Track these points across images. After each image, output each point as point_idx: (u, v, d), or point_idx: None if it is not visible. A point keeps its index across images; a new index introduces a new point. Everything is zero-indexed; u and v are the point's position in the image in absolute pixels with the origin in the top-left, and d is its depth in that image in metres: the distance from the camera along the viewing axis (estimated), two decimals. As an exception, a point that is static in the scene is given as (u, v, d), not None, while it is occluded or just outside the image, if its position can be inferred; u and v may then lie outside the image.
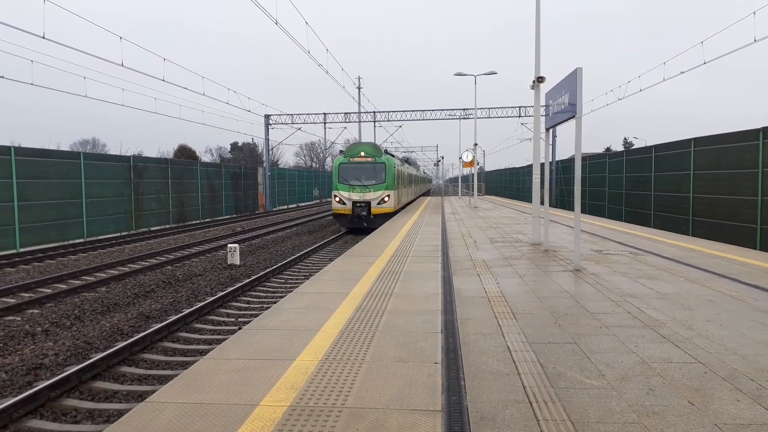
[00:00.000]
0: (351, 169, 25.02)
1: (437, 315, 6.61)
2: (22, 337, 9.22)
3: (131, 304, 11.74)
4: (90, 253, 19.57)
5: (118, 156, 29.02)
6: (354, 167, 25.07)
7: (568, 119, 10.79)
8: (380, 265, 10.42)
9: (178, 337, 9.37)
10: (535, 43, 13.03)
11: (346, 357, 5.09)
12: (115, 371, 7.71)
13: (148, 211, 27.99)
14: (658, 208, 21.02)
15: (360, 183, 24.72)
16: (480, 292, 8.05)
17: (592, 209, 28.29)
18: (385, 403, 4.04)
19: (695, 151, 18.15)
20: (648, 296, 7.64)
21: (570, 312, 6.79)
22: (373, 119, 48.19)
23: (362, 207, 24.37)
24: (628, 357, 5.09)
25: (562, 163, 37.75)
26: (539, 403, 4.06)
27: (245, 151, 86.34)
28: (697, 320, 6.35)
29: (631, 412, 3.91)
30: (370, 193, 24.55)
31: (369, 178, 24.84)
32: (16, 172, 19.33)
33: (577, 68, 9.78)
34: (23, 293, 12.73)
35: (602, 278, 9.02)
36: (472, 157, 36.03)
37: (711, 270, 9.67)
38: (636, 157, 24.04)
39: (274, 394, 4.24)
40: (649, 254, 11.79)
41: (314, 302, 7.36)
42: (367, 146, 25.89)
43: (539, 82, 12.99)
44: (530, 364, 4.90)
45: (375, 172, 24.92)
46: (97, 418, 6.31)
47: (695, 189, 18.10)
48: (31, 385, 7.08)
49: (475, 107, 36.57)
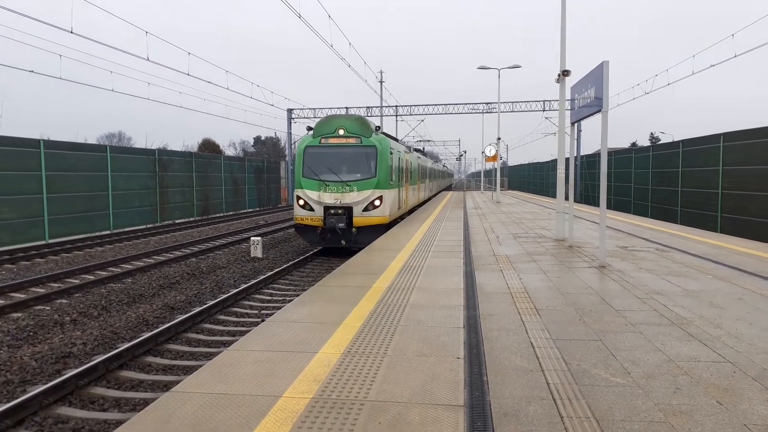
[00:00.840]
0: (323, 156, 16.37)
1: (459, 310, 6.58)
2: (52, 326, 9.43)
3: (156, 295, 11.92)
4: (116, 245, 19.90)
5: (144, 149, 29.44)
6: (327, 153, 16.42)
7: (594, 113, 10.64)
8: (402, 259, 10.41)
9: (203, 329, 9.48)
10: (561, 36, 12.86)
11: (368, 350, 5.10)
12: (141, 361, 7.83)
13: (173, 204, 28.35)
14: (685, 205, 20.64)
15: (336, 178, 16.08)
16: (503, 287, 8.00)
17: (617, 205, 27.89)
18: (407, 397, 4.04)
19: (724, 146, 17.76)
20: (675, 294, 7.51)
21: (595, 309, 6.71)
22: (395, 113, 48.10)
23: (339, 215, 15.85)
24: (655, 355, 5.01)
25: (586, 158, 37.27)
26: (563, 400, 4.02)
27: (268, 145, 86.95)
28: (725, 318, 6.22)
29: (658, 410, 3.85)
30: (351, 193, 15.94)
31: (350, 170, 16.36)
32: (45, 164, 19.72)
33: (603, 61, 9.63)
34: (52, 283, 13.00)
35: (628, 275, 8.89)
36: (495, 152, 35.79)
37: (740, 267, 9.47)
38: (663, 152, 23.62)
39: (297, 386, 4.26)
40: (675, 251, 11.58)
41: (336, 295, 7.39)
42: (348, 120, 16.80)
43: (564, 76, 12.83)
44: (554, 360, 4.86)
45: (360, 160, 16.38)
46: (124, 407, 6.43)
47: (724, 185, 17.72)
48: (60, 374, 7.23)
49: (499, 101, 36.27)
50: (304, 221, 16.21)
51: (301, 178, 16.32)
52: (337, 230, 15.76)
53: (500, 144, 37.00)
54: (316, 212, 16.00)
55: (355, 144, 16.37)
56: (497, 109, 37.55)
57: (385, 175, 16.52)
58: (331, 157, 16.39)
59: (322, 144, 16.48)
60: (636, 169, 26.33)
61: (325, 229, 15.92)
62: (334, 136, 16.47)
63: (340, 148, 16.44)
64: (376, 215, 16.09)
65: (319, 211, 15.96)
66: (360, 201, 15.93)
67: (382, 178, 16.29)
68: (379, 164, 16.29)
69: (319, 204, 15.98)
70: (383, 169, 16.40)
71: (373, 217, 16.06)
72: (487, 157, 37.23)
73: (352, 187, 16.01)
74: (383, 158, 16.46)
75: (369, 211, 16.01)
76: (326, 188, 16.05)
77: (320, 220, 15.92)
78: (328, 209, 15.91)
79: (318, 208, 15.99)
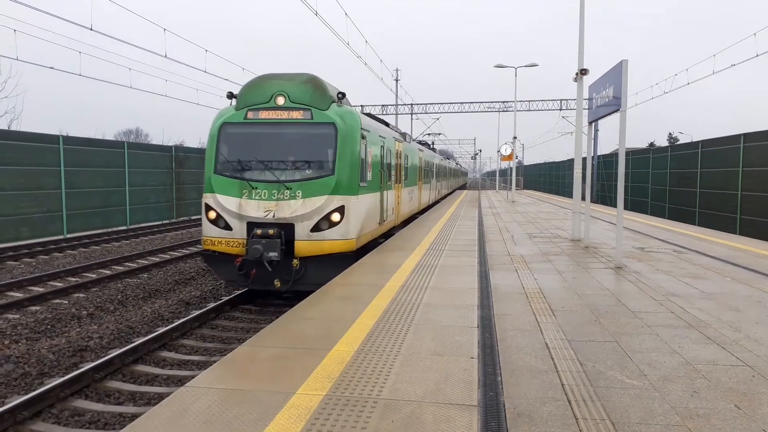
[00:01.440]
0: (248, 141, 10.47)
1: (474, 310, 6.55)
2: (69, 319, 9.55)
3: (172, 290, 12.02)
4: (132, 240, 20.12)
5: (160, 146, 29.69)
6: (255, 136, 10.44)
7: (612, 113, 10.54)
8: (415, 258, 10.39)
9: (217, 325, 9.54)
10: (579, 34, 12.75)
11: (382, 348, 5.09)
12: (156, 356, 7.91)
13: (189, 200, 28.56)
14: (704, 206, 20.38)
15: (269, 176, 10.06)
16: (518, 287, 7.95)
17: (634, 205, 27.62)
18: (420, 396, 4.03)
19: (745, 147, 17.50)
20: (692, 296, 7.42)
21: (611, 310, 6.64)
22: (411, 111, 48.05)
23: (270, 239, 9.63)
24: (671, 358, 4.95)
25: (603, 157, 36.94)
26: (578, 401, 3.99)
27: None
28: (744, 322, 6.13)
29: (674, 414, 3.80)
30: (292, 201, 9.88)
31: (293, 163, 10.29)
32: (64, 160, 19.98)
33: (622, 60, 9.54)
34: (70, 277, 13.17)
35: (644, 276, 8.80)
36: (510, 151, 35.60)
37: (760, 270, 9.32)
38: (681, 152, 23.35)
39: (311, 383, 4.27)
40: (693, 253, 11.44)
41: (350, 293, 7.39)
42: (292, 83, 10.50)
43: (582, 75, 12.71)
44: (569, 361, 4.81)
45: (308, 148, 10.42)
46: (139, 401, 6.50)
47: (744, 186, 17.47)
48: (77, 367, 7.32)
49: (515, 99, 36.08)
50: (215, 246, 9.87)
51: (212, 176, 10.06)
52: (264, 263, 9.35)
53: (516, 143, 36.80)
54: (235, 231, 9.71)
55: (303, 121, 10.11)
56: (513, 108, 37.34)
57: (352, 172, 10.14)
58: (261, 143, 10.17)
59: (249, 121, 10.20)
60: (654, 170, 26.05)
61: (246, 260, 9.51)
62: (269, 108, 10.20)
63: (278, 127, 10.14)
64: (333, 238, 9.74)
65: (239, 229, 9.69)
66: (306, 214, 9.60)
67: (345, 177, 9.96)
68: (341, 154, 9.99)
69: (239, 218, 9.69)
70: (348, 162, 10.07)
71: (328, 242, 9.70)
72: (502, 156, 37.03)
73: (293, 190, 9.72)
74: (348, 144, 10.13)
75: (322, 231, 9.69)
76: (251, 193, 9.77)
77: (240, 244, 9.64)
78: (254, 227, 9.59)
79: (238, 224, 9.70)
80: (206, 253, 10.15)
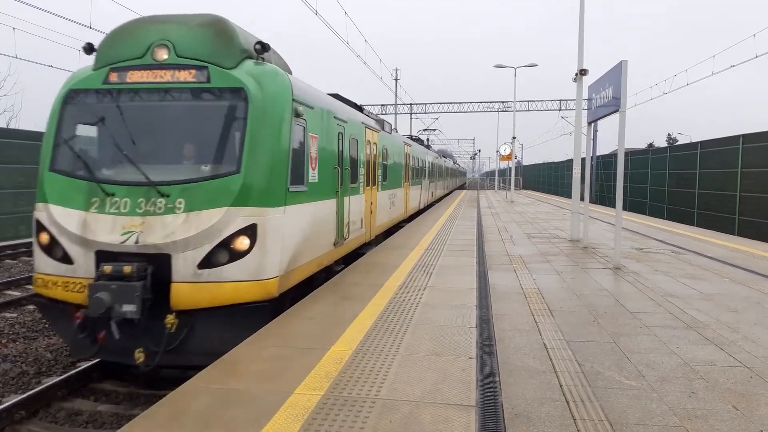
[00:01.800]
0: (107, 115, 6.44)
1: (472, 310, 6.55)
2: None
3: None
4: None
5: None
6: (120, 107, 6.40)
7: (612, 113, 10.54)
8: (414, 257, 10.39)
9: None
10: (579, 34, 12.76)
11: (380, 348, 5.09)
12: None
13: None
14: (702, 207, 20.40)
15: (136, 175, 6.05)
16: (516, 288, 7.95)
17: (633, 206, 27.63)
18: (418, 396, 4.02)
19: (743, 148, 17.52)
20: (691, 297, 7.42)
21: (609, 310, 6.64)
22: (410, 111, 48.06)
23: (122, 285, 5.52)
24: (670, 358, 4.95)
25: (602, 158, 36.96)
26: (576, 401, 3.98)
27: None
28: (743, 323, 6.13)
29: (672, 415, 3.80)
30: (165, 216, 5.83)
31: (175, 153, 6.44)
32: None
33: (622, 61, 9.56)
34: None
35: (643, 277, 8.80)
36: (509, 151, 35.61)
37: (759, 271, 9.33)
38: (680, 153, 23.37)
39: (309, 382, 4.27)
40: (692, 253, 11.45)
41: (348, 293, 7.39)
42: (180, 27, 6.47)
43: (582, 75, 12.72)
44: (567, 362, 4.81)
45: (199, 125, 6.35)
46: (136, 401, 6.47)
47: (743, 187, 17.49)
48: (75, 366, 7.31)
49: (515, 100, 36.10)
50: (48, 290, 6.27)
51: (45, 175, 6.67)
52: (113, 324, 5.67)
53: (515, 143, 36.82)
54: (77, 266, 6.02)
55: (195, 86, 6.38)
56: (513, 108, 37.36)
57: (273, 169, 6.33)
58: (125, 121, 6.44)
59: (110, 86, 6.52)
60: (652, 171, 26.07)
61: (90, 316, 5.69)
62: (142, 67, 6.48)
63: (154, 95, 6.47)
64: (238, 279, 5.93)
65: (83, 263, 5.99)
66: (191, 239, 5.83)
67: (260, 177, 6.18)
68: (254, 138, 6.21)
69: (83, 245, 5.99)
70: (267, 152, 6.29)
71: (228, 285, 5.89)
72: (501, 156, 37.05)
73: (172, 199, 5.98)
74: (268, 123, 6.37)
75: (218, 268, 5.88)
76: (105, 203, 6.08)
77: (86, 288, 5.78)
78: (107, 258, 5.83)
79: (81, 255, 6.00)
80: (39, 300, 6.51)
